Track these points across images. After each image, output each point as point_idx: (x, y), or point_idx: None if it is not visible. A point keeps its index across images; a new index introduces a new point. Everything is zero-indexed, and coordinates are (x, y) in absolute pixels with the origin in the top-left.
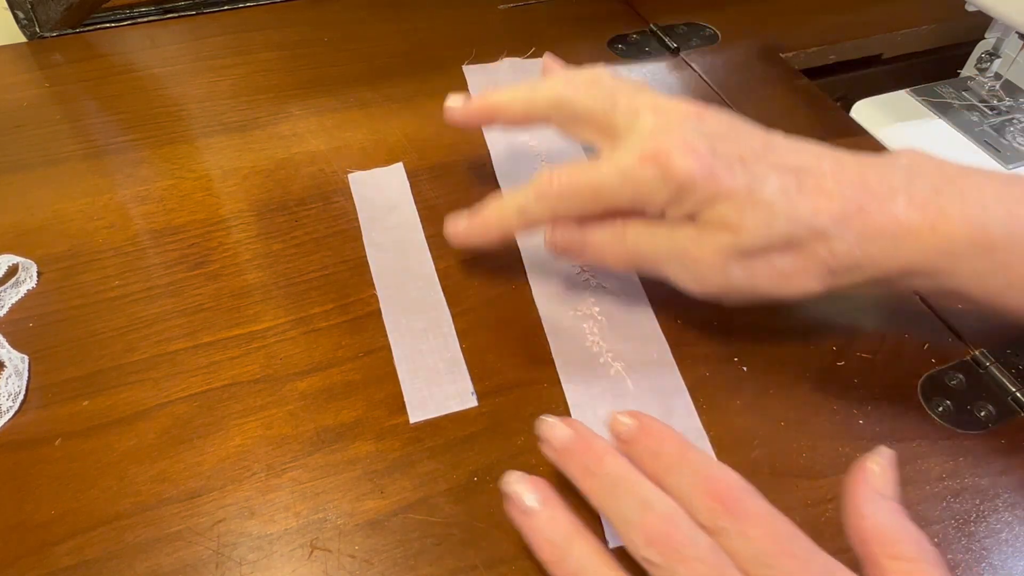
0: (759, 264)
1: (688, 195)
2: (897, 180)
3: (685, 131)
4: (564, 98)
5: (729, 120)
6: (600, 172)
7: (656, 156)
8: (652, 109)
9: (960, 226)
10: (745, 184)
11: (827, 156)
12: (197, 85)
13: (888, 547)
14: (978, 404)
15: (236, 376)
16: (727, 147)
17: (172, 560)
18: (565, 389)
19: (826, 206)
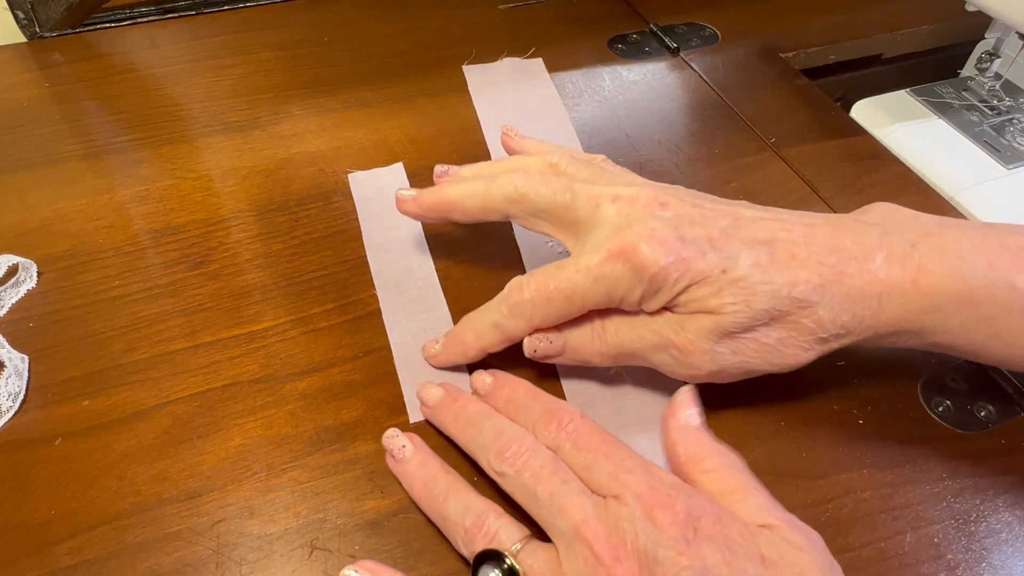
0: (746, 342)
1: (662, 286)
2: (871, 238)
3: (649, 221)
4: (523, 195)
5: (691, 199)
6: (569, 276)
7: (623, 252)
8: (613, 199)
9: (942, 280)
10: (718, 265)
11: (796, 223)
12: (197, 85)
13: (697, 464)
14: (978, 404)
15: (236, 376)
16: (694, 230)
17: (172, 560)
18: (564, 389)
19: (803, 276)
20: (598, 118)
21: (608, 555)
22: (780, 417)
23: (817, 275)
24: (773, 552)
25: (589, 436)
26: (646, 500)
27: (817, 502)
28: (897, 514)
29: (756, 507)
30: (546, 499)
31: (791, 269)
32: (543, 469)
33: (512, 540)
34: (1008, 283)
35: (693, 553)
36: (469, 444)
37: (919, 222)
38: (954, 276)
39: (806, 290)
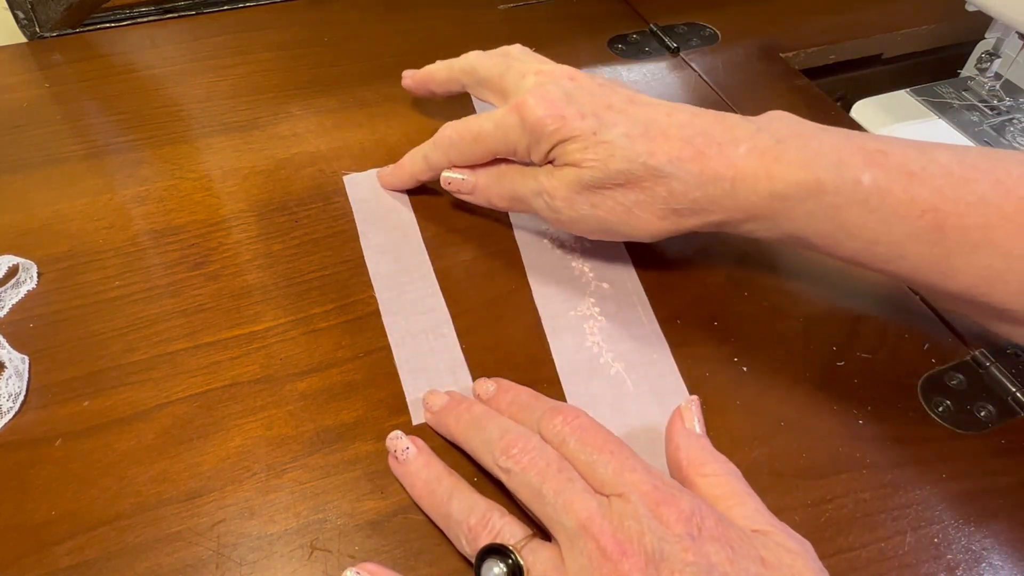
0: (603, 198)
1: (541, 137)
2: (743, 131)
3: (550, 86)
4: (472, 66)
5: (605, 82)
6: (480, 122)
7: (518, 105)
8: (536, 72)
9: (791, 170)
10: (592, 128)
11: (685, 111)
12: (197, 85)
13: (697, 468)
14: (978, 404)
15: (236, 376)
16: (586, 99)
17: (172, 560)
18: (565, 389)
19: (663, 148)
20: None
21: (614, 550)
22: (780, 417)
23: (677, 150)
24: (771, 555)
25: (594, 433)
26: (651, 498)
27: (817, 502)
28: (897, 514)
29: (752, 512)
30: (551, 496)
31: (656, 142)
32: (549, 467)
33: (516, 538)
34: (854, 177)
35: (698, 550)
36: (472, 443)
37: (799, 127)
38: (804, 167)
39: (661, 161)
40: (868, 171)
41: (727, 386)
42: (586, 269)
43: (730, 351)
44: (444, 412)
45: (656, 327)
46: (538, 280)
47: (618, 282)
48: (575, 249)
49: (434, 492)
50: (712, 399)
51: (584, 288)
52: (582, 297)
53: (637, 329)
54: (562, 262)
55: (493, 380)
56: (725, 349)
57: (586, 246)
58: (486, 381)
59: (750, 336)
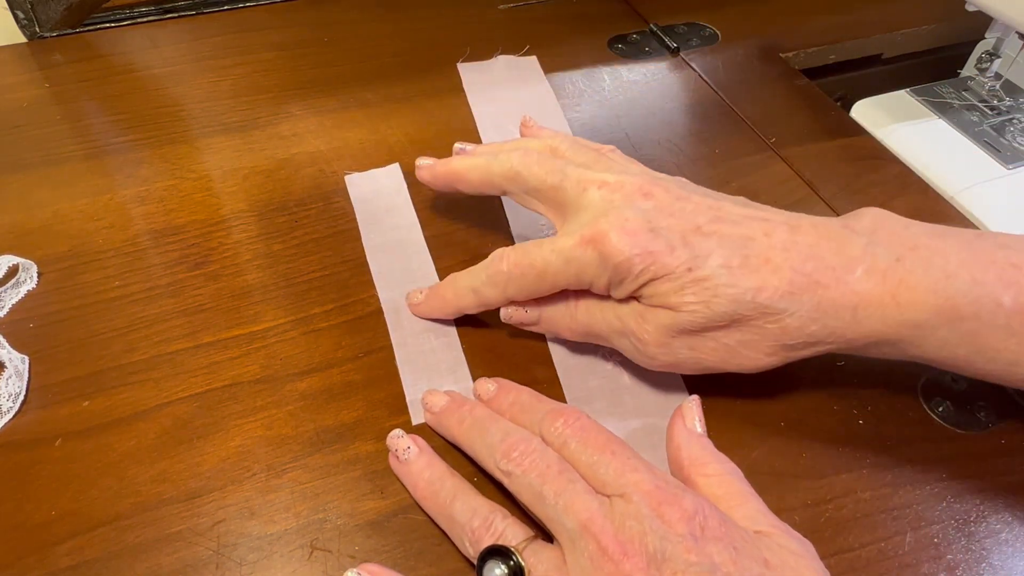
0: (704, 340)
1: (626, 276)
2: (855, 249)
3: (626, 210)
4: (517, 173)
5: (679, 191)
6: (544, 255)
7: (594, 239)
8: (599, 185)
9: (923, 296)
10: (685, 262)
11: (780, 225)
12: (197, 85)
13: (699, 468)
14: (978, 404)
15: (236, 376)
16: (670, 223)
17: (172, 560)
18: (563, 384)
19: (773, 282)
20: (598, 118)
21: (616, 550)
22: (780, 417)
23: (788, 282)
24: (774, 556)
25: (595, 434)
26: (653, 497)
27: (817, 502)
28: (897, 514)
29: (754, 512)
30: (552, 497)
31: (761, 274)
32: (549, 469)
33: (518, 539)
34: (993, 300)
35: (701, 550)
36: (474, 445)
37: (909, 232)
38: (937, 292)
39: (773, 297)
40: (1007, 292)
41: (727, 386)
42: None
43: None
44: (445, 414)
45: None
46: None
47: None
48: None
49: (437, 494)
50: (712, 399)
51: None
52: None
53: None
54: None
55: (494, 380)
56: None
57: None
58: (487, 381)
59: None
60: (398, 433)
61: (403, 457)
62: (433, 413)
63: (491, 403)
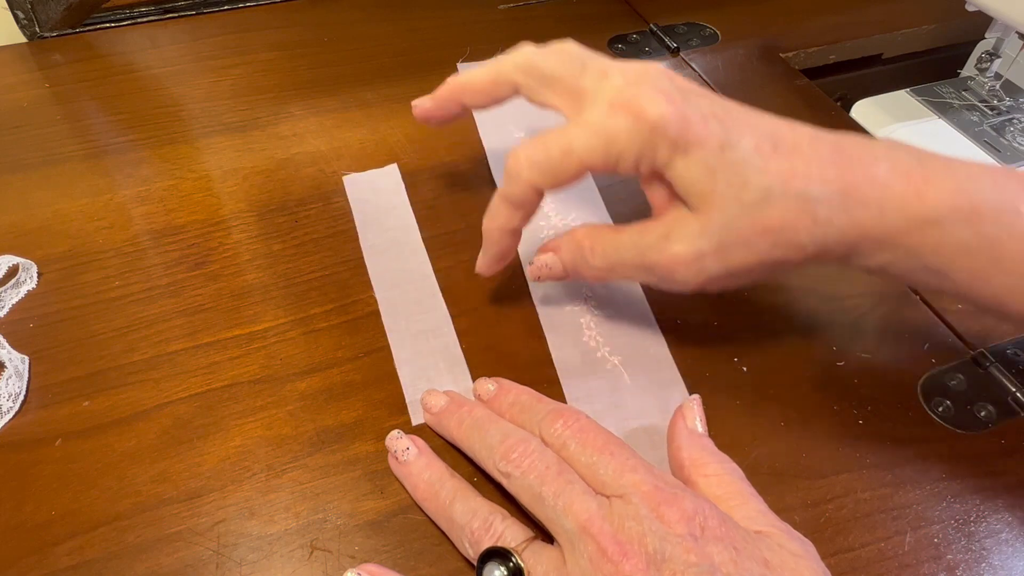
0: (735, 251)
1: (660, 141)
2: (877, 149)
3: (657, 81)
4: (532, 62)
5: (701, 87)
6: (569, 132)
7: (627, 104)
8: (621, 70)
9: (948, 194)
10: (719, 136)
11: (802, 126)
12: (197, 85)
13: (699, 468)
14: (978, 404)
15: (236, 376)
16: (702, 103)
17: (172, 560)
18: (563, 384)
19: (802, 169)
20: None
21: (615, 551)
22: (780, 417)
23: (818, 169)
24: (775, 557)
25: (594, 435)
26: (653, 498)
27: (817, 502)
28: (897, 514)
29: (754, 512)
30: (551, 499)
31: (792, 160)
32: (548, 470)
33: (517, 541)
34: (1014, 207)
35: (701, 551)
36: (474, 447)
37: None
38: (960, 191)
39: (805, 184)
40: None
41: (727, 386)
42: None
43: (730, 351)
44: (445, 415)
45: (653, 321)
46: None
47: None
48: None
49: (437, 495)
50: (712, 399)
51: (581, 284)
52: (579, 292)
53: (633, 323)
54: None
55: (493, 380)
56: (725, 349)
57: None
58: (486, 381)
59: (750, 336)
60: (397, 434)
61: (403, 458)
62: (432, 413)
63: (491, 403)
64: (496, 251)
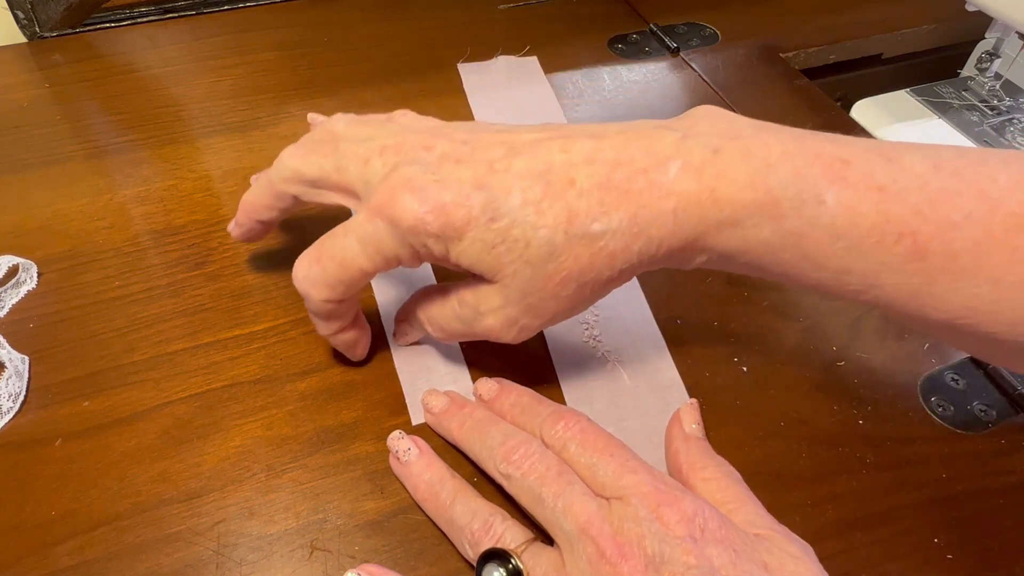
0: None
1: (426, 240)
2: (666, 146)
3: (407, 168)
4: (293, 170)
5: (466, 134)
6: (338, 242)
7: (380, 208)
8: (380, 152)
9: (741, 190)
10: (483, 210)
11: (580, 137)
12: (197, 85)
13: (697, 471)
14: (978, 404)
15: (236, 376)
16: (458, 171)
17: (172, 560)
18: (562, 384)
19: (581, 206)
20: (598, 118)
21: (614, 553)
22: (780, 417)
23: (598, 202)
24: (774, 560)
25: (595, 437)
26: (652, 499)
27: (817, 502)
28: (897, 514)
29: (752, 515)
30: (551, 500)
31: (566, 199)
32: (549, 471)
33: (517, 542)
34: (815, 195)
35: (700, 553)
36: (474, 448)
37: (732, 125)
38: (755, 185)
39: (586, 222)
40: (831, 188)
41: (727, 386)
42: None
43: (730, 351)
44: (446, 415)
45: (652, 321)
46: None
47: None
48: None
49: (437, 495)
50: (712, 399)
51: None
52: None
53: (633, 324)
54: None
55: (495, 380)
56: (725, 349)
57: None
58: (488, 381)
59: (750, 336)
60: (399, 434)
61: (404, 458)
62: (433, 414)
63: (492, 404)
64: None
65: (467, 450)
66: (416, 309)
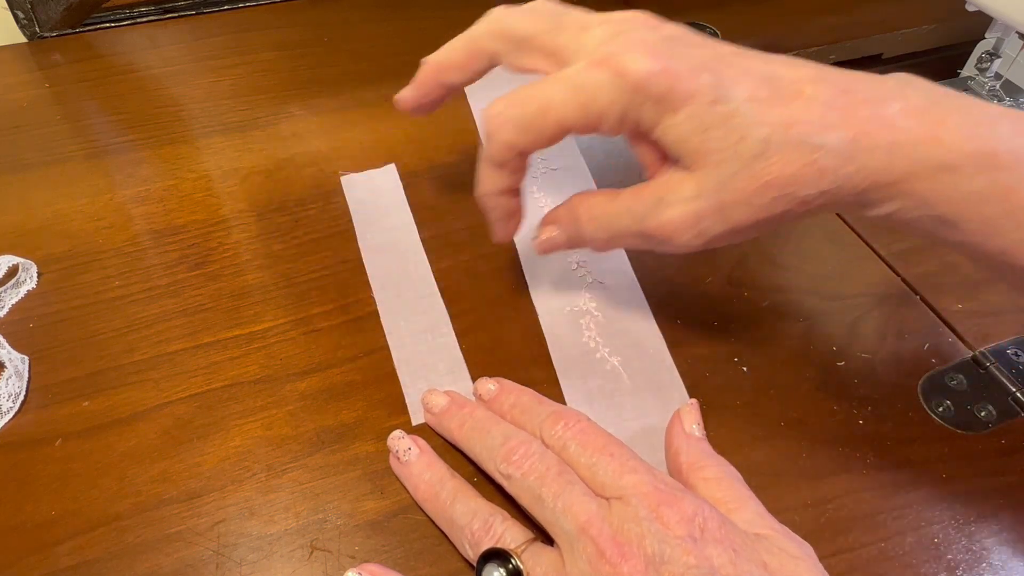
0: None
1: (645, 99)
2: (888, 88)
3: (641, 33)
4: (504, 26)
5: (692, 31)
6: (545, 87)
7: (607, 59)
8: (602, 21)
9: (964, 138)
10: (708, 89)
11: (807, 65)
12: (197, 85)
13: (697, 471)
14: (978, 404)
15: (236, 376)
16: (690, 51)
17: (172, 560)
18: (562, 384)
19: (805, 116)
20: None
21: (614, 553)
22: (780, 417)
23: (820, 116)
24: (774, 559)
25: (595, 436)
26: (652, 499)
27: (817, 502)
28: (897, 514)
29: (752, 515)
30: (551, 500)
31: (792, 107)
32: (549, 471)
33: (517, 542)
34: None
35: (700, 553)
36: (475, 448)
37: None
38: (976, 137)
39: (808, 131)
40: None
41: (727, 386)
42: (582, 264)
43: (730, 351)
44: (446, 415)
45: (652, 321)
46: (535, 276)
47: (614, 277)
48: None
49: (437, 495)
50: (712, 399)
51: (580, 283)
52: (578, 292)
53: (633, 323)
54: (558, 258)
55: (495, 380)
56: (725, 349)
57: None
58: (487, 381)
59: (750, 336)
60: (399, 434)
61: (404, 458)
62: (433, 414)
63: (491, 404)
64: (496, 216)
65: (467, 450)
66: (577, 205)
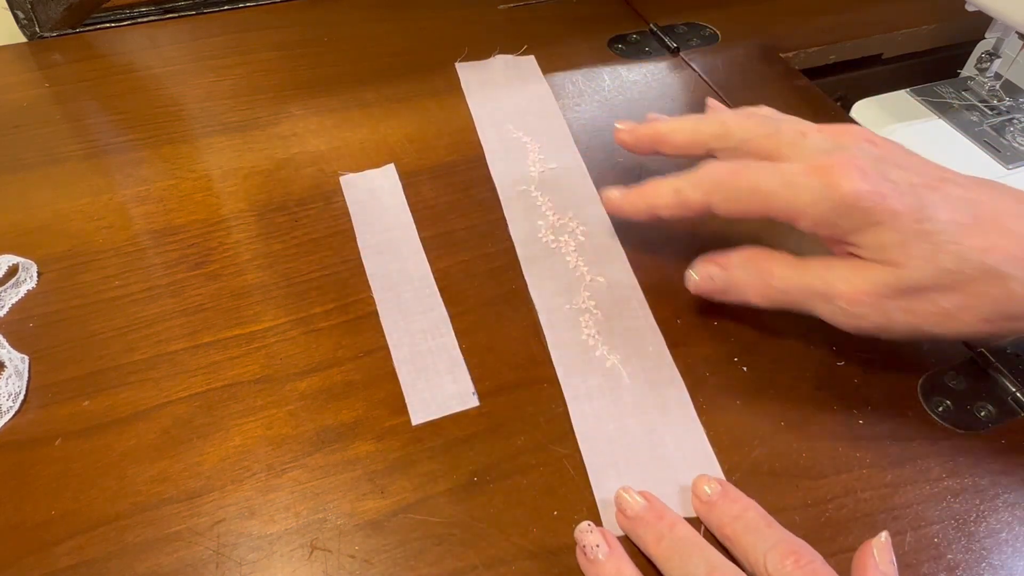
0: (921, 303)
1: (849, 213)
2: None
3: (855, 149)
4: (727, 128)
5: (903, 149)
6: (762, 172)
7: (823, 169)
8: (820, 131)
9: None
10: (913, 210)
11: (1010, 192)
12: (197, 85)
13: None
14: (978, 404)
15: (236, 376)
16: (899, 174)
17: (172, 560)
18: (562, 383)
19: (1002, 244)
20: (598, 118)
21: None
22: (780, 417)
23: (1017, 246)
24: None
25: None
26: None
27: (817, 502)
28: (897, 514)
29: None
30: None
31: (990, 236)
32: None
33: None
34: None
35: None
36: (673, 572)
37: None
38: None
39: (1001, 259)
40: None
41: (727, 386)
42: (581, 263)
43: (730, 351)
44: (641, 524)
45: (651, 319)
46: (534, 274)
47: (613, 276)
48: (571, 244)
49: None
50: (712, 399)
51: (579, 282)
52: (578, 291)
53: (632, 322)
54: (558, 257)
55: (717, 481)
56: (725, 349)
57: (580, 240)
58: (707, 480)
59: (750, 336)
60: (587, 527)
61: (591, 555)
62: (626, 516)
63: (711, 508)
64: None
65: (662, 569)
66: (758, 256)
